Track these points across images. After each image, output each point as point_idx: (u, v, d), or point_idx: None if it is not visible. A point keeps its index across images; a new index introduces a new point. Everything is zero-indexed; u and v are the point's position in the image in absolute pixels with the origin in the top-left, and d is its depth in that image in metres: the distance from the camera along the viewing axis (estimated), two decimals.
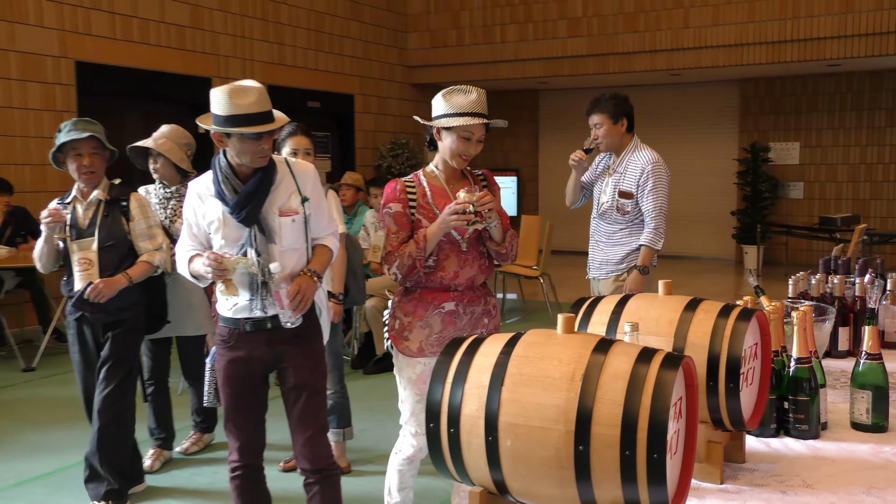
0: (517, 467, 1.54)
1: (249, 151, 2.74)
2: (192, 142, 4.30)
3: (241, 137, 2.71)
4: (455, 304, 2.98)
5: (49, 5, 8.09)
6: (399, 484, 3.12)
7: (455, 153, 2.92)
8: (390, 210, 2.95)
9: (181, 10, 9.38)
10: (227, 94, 2.71)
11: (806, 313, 2.17)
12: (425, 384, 3.01)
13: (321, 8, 11.34)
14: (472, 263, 3.00)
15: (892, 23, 10.04)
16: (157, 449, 4.36)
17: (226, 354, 2.88)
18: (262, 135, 2.72)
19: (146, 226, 3.67)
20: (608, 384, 1.49)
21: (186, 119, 10.43)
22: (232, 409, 2.91)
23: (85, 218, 3.55)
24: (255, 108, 2.71)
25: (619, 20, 11.60)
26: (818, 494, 1.80)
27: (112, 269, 3.52)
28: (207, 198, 2.83)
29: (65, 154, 3.49)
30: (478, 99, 2.92)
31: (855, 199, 12.55)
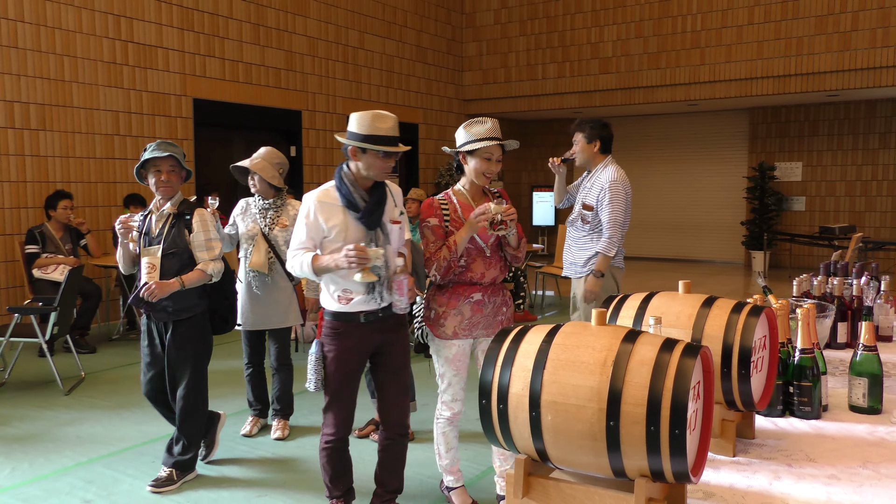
0: (557, 439, 1.52)
1: (379, 167, 2.80)
2: (284, 161, 4.29)
3: (375, 154, 2.77)
4: (481, 294, 3.08)
5: (174, 53, 8.33)
6: (446, 445, 3.20)
7: (479, 172, 3.02)
8: (429, 224, 3.04)
9: (277, 55, 9.57)
10: (371, 118, 2.78)
11: (809, 310, 2.10)
12: (460, 361, 3.12)
13: (392, 52, 11.43)
14: (494, 265, 3.10)
15: (885, 59, 9.71)
16: (254, 417, 4.41)
17: (339, 344, 2.86)
18: (392, 154, 2.79)
19: (205, 238, 3.52)
20: (636, 369, 1.46)
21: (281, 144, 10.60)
22: (339, 391, 2.89)
23: (156, 228, 3.49)
24: (391, 132, 2.81)
25: (643, 59, 11.44)
26: (820, 467, 1.74)
27: (171, 275, 3.42)
28: (331, 206, 2.82)
29: (147, 170, 3.44)
30: (492, 126, 3.03)
31: (851, 212, 12.14)
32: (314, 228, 2.82)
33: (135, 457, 4.00)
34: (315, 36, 10.08)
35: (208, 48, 8.69)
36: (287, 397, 4.40)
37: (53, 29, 7.25)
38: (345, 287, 2.84)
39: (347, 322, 2.86)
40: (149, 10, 8.07)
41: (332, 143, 10.47)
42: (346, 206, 2.81)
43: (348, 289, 2.83)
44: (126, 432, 4.37)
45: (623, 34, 11.60)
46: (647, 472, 1.46)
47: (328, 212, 2.82)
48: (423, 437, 4.30)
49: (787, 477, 1.69)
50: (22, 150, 7.05)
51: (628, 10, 11.57)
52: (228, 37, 8.92)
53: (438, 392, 3.18)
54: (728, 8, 10.79)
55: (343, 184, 2.82)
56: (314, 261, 2.78)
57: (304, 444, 4.17)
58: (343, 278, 2.83)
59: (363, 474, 3.77)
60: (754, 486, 1.65)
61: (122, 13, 7.81)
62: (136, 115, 8.00)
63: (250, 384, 4.43)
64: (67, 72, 7.37)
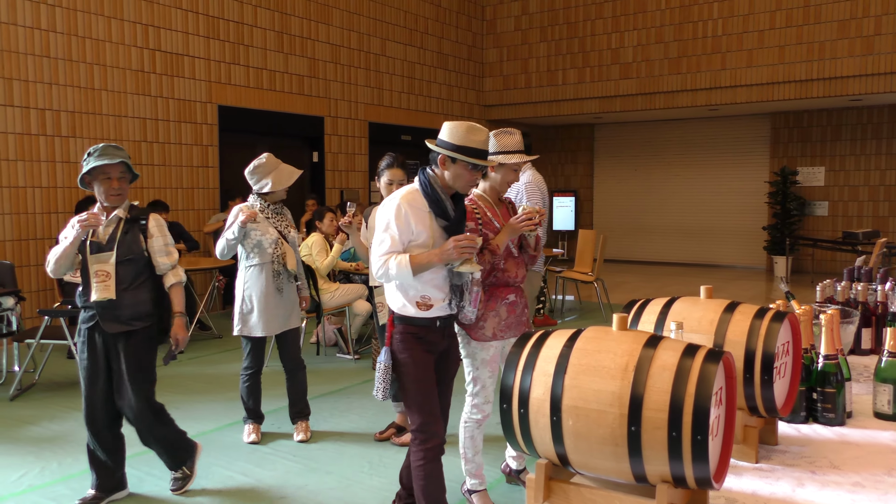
0: (578, 443, 1.51)
1: (466, 179, 2.74)
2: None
3: (465, 165, 2.71)
4: (514, 295, 3.15)
5: (199, 61, 8.43)
6: (473, 449, 3.23)
7: (504, 181, 3.14)
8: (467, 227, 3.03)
9: (301, 62, 9.64)
10: (466, 129, 2.72)
11: (833, 316, 2.07)
12: (496, 363, 3.15)
13: (413, 59, 11.48)
14: (521, 265, 3.19)
15: None
16: (255, 425, 4.33)
17: (416, 349, 2.78)
18: (479, 168, 2.75)
19: (164, 243, 3.35)
20: (657, 374, 1.45)
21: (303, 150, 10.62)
22: (425, 393, 2.79)
23: (105, 234, 3.22)
24: (483, 146, 2.75)
25: (664, 64, 11.37)
26: (844, 474, 1.71)
27: (127, 283, 3.20)
28: (418, 210, 2.72)
29: (93, 177, 3.19)
30: (520, 139, 3.14)
31: (875, 216, 11.94)
32: (406, 231, 2.70)
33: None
34: (338, 43, 10.15)
35: (233, 56, 8.79)
36: (305, 398, 4.40)
37: (84, 38, 7.37)
38: (423, 293, 2.75)
39: (426, 327, 2.79)
40: (176, 19, 8.18)
41: (353, 149, 10.52)
42: (435, 212, 2.73)
43: (427, 295, 2.75)
44: None
45: (643, 39, 11.54)
46: (668, 478, 1.45)
47: (417, 216, 2.71)
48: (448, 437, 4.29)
49: (810, 484, 1.66)
50: (53, 157, 7.17)
51: (649, 16, 11.50)
52: (253, 45, 9.01)
53: (468, 395, 3.17)
54: (749, 13, 10.68)
55: (434, 189, 2.73)
56: (413, 260, 2.64)
57: (325, 447, 4.19)
58: (423, 283, 2.74)
59: (386, 478, 3.78)
60: (777, 492, 1.63)
61: (151, 22, 7.93)
62: (163, 122, 8.11)
63: (254, 392, 4.31)
64: (97, 80, 7.50)
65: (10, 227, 6.92)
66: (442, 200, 2.72)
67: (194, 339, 7.09)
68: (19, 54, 6.90)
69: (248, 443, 4.25)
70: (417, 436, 2.80)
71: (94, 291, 3.17)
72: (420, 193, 2.74)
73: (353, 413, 4.84)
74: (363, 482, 3.69)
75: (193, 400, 5.12)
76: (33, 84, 7.01)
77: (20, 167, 6.97)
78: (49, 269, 3.22)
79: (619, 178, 14.29)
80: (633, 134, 14.06)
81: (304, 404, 4.40)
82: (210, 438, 4.33)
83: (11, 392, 5.22)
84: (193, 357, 6.48)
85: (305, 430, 4.32)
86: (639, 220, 14.04)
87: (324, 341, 6.69)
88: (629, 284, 11.06)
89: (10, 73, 6.84)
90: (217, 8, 8.59)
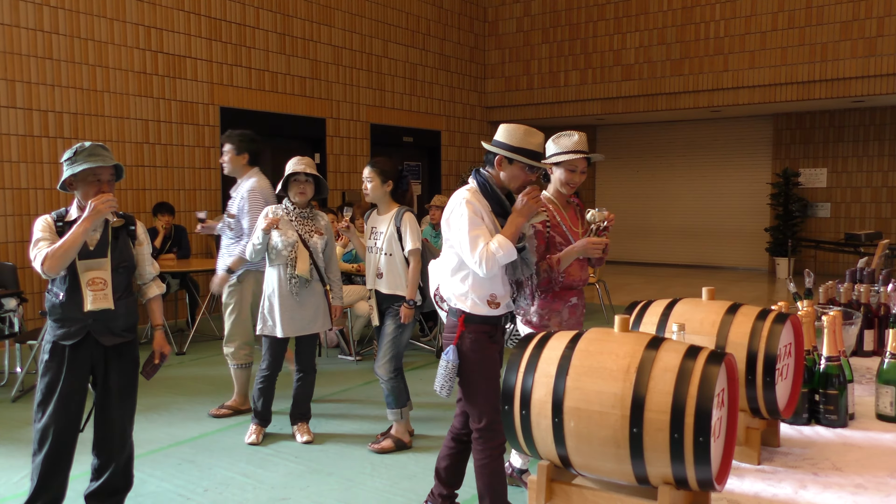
0: (579, 445, 1.51)
1: (521, 179, 2.82)
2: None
3: (521, 166, 2.80)
4: (576, 298, 3.27)
5: (202, 63, 8.45)
6: None
7: (564, 182, 3.19)
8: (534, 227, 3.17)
9: (303, 64, 9.66)
10: (524, 132, 2.81)
11: (835, 317, 2.07)
12: None
13: (415, 60, 11.48)
14: (584, 268, 3.27)
15: None
16: (259, 427, 4.32)
17: (487, 348, 2.84)
18: (535, 170, 2.84)
19: (149, 251, 3.20)
20: (659, 376, 1.45)
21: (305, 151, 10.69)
22: (496, 392, 2.83)
23: (93, 240, 2.95)
24: (539, 148, 2.84)
25: (666, 65, 11.36)
26: (846, 476, 1.71)
27: (120, 291, 2.98)
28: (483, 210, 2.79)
29: (79, 179, 2.93)
30: (579, 140, 3.16)
31: (878, 218, 11.93)
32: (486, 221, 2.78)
33: (162, 459, 4.04)
34: (340, 45, 10.16)
35: (235, 58, 8.80)
36: (309, 402, 4.43)
37: (86, 40, 7.39)
38: (492, 291, 2.82)
39: (495, 326, 2.87)
40: (178, 21, 8.19)
41: (355, 151, 10.53)
42: (495, 210, 2.81)
43: (495, 293, 2.83)
44: (154, 434, 4.42)
45: (646, 41, 11.53)
46: (670, 480, 1.44)
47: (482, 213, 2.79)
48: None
49: (812, 486, 1.66)
50: (56, 159, 7.19)
51: (651, 17, 11.50)
52: (255, 46, 9.03)
53: None
54: (752, 14, 10.68)
55: (493, 189, 2.81)
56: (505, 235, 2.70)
57: (327, 449, 4.19)
58: (490, 281, 2.80)
59: (388, 480, 3.78)
60: (779, 494, 1.63)
61: (153, 24, 7.95)
62: (165, 124, 8.12)
63: (266, 395, 4.32)
64: (99, 82, 7.51)
65: (12, 229, 6.93)
66: (501, 198, 2.83)
67: (196, 340, 7.09)
68: (22, 56, 6.91)
69: (249, 444, 4.25)
70: (484, 434, 2.85)
71: (88, 301, 2.89)
72: (479, 193, 2.82)
73: (355, 415, 4.85)
74: (365, 483, 3.69)
75: (196, 401, 5.12)
76: (36, 86, 7.02)
77: (23, 169, 6.98)
78: (45, 267, 2.84)
79: (621, 179, 14.29)
80: (636, 135, 14.05)
81: (307, 408, 4.42)
82: (212, 439, 4.33)
83: (13, 393, 5.23)
84: (196, 358, 6.48)
85: (307, 432, 4.33)
86: (641, 221, 14.03)
87: (325, 342, 6.69)
88: (631, 286, 11.05)
89: (13, 75, 6.86)
90: (219, 10, 8.61)
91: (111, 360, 3.02)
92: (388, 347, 4.07)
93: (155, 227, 7.33)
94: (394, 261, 4.03)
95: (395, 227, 4.03)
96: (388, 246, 4.04)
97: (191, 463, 3.98)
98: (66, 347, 2.95)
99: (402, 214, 4.05)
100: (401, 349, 4.10)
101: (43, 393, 2.96)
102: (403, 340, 4.10)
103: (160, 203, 7.46)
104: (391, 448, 4.11)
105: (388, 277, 4.06)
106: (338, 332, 6.62)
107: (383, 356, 4.08)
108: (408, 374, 5.86)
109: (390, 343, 4.06)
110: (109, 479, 3.11)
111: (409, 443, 4.17)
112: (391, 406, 4.12)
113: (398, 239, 4.02)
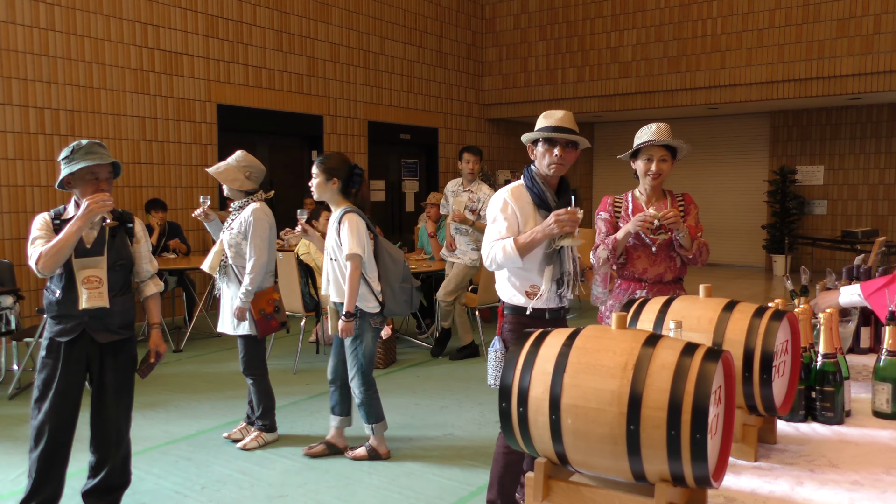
0: (577, 442, 1.51)
1: (549, 157, 2.83)
2: (252, 164, 4.03)
3: (543, 144, 2.83)
4: (645, 292, 3.16)
5: (199, 60, 8.43)
6: None
7: (643, 173, 3.19)
8: (602, 217, 3.24)
9: (300, 61, 9.64)
10: (544, 115, 2.88)
11: (832, 314, 2.07)
12: None
13: (412, 57, 11.47)
14: (660, 263, 3.18)
15: None
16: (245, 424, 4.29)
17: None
18: (557, 142, 2.80)
19: (147, 248, 3.16)
20: (656, 373, 1.45)
21: (303, 148, 10.61)
22: None
23: (90, 237, 2.94)
24: (558, 122, 2.83)
25: (663, 63, 11.37)
26: (843, 473, 1.71)
27: (117, 290, 2.97)
28: (524, 204, 2.86)
29: (76, 177, 2.90)
30: (657, 129, 3.17)
31: (874, 215, 11.95)
32: (513, 221, 2.83)
33: (159, 456, 4.04)
34: (337, 42, 10.14)
35: (232, 55, 8.78)
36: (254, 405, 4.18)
37: (83, 37, 7.36)
38: (533, 283, 2.85)
39: (536, 319, 2.85)
40: (175, 18, 8.17)
41: (353, 148, 10.52)
42: (537, 204, 2.86)
43: (535, 284, 2.85)
44: (151, 432, 4.41)
45: (643, 38, 11.53)
46: (667, 477, 1.45)
47: (522, 209, 2.85)
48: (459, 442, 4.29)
49: (809, 483, 1.66)
50: (52, 156, 7.16)
51: (648, 15, 11.50)
52: (252, 43, 9.01)
53: None
54: (748, 11, 10.68)
55: (535, 183, 2.87)
56: (517, 242, 2.75)
57: None
58: (528, 272, 2.84)
59: (385, 477, 3.79)
60: (776, 491, 1.63)
61: (150, 21, 7.92)
62: (162, 121, 8.10)
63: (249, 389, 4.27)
64: (96, 79, 7.49)
65: (8, 226, 6.91)
66: (543, 192, 2.85)
67: (193, 337, 7.09)
68: (18, 53, 6.89)
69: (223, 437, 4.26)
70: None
71: (83, 299, 2.89)
72: (524, 188, 2.89)
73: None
74: (362, 481, 3.69)
75: (193, 399, 5.12)
76: (32, 83, 7.00)
77: (19, 166, 6.96)
78: (39, 266, 2.84)
79: (618, 177, 14.29)
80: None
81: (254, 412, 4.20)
82: (210, 437, 4.33)
83: (10, 391, 5.22)
84: (193, 356, 6.48)
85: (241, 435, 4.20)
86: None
87: (323, 340, 6.68)
88: None
89: (9, 72, 6.83)
90: (216, 6, 8.58)
91: (107, 358, 3.01)
92: (350, 364, 3.85)
93: (150, 224, 7.32)
94: (338, 266, 3.79)
95: (335, 229, 3.78)
96: (332, 250, 3.80)
97: (188, 460, 3.98)
98: (62, 344, 2.94)
99: (342, 215, 3.76)
100: (364, 362, 3.84)
101: (40, 389, 2.97)
102: (365, 352, 3.83)
103: (153, 199, 7.44)
104: (364, 457, 3.95)
105: (334, 284, 3.82)
106: None
107: (350, 371, 3.87)
108: (405, 372, 5.87)
109: (350, 359, 3.85)
110: (106, 477, 3.11)
111: (384, 454, 3.97)
112: (364, 420, 3.94)
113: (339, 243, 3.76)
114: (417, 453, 4.06)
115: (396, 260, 3.92)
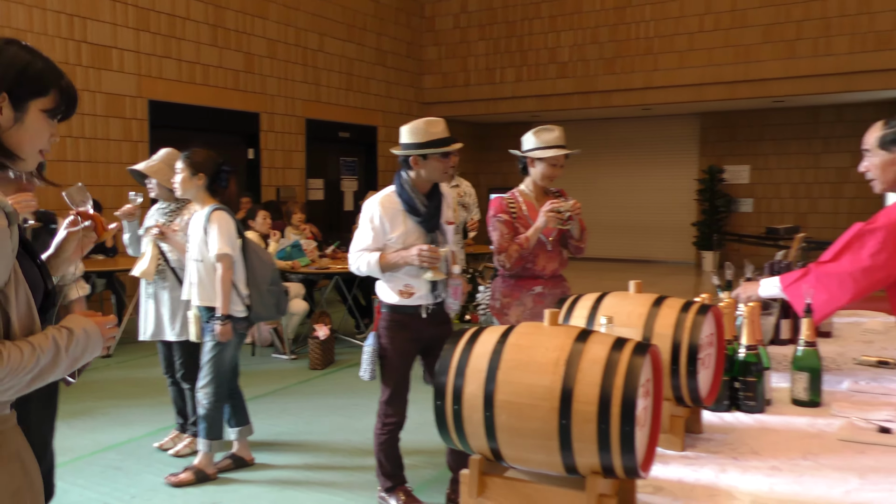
0: (510, 438, 1.53)
1: (442, 168, 2.97)
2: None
3: (437, 157, 2.93)
4: (542, 287, 3.30)
5: (129, 54, 8.14)
6: None
7: (545, 176, 3.28)
8: (500, 218, 3.28)
9: (236, 57, 9.43)
10: (426, 125, 2.93)
11: (754, 308, 2.15)
12: None
13: (352, 55, 11.37)
14: (554, 259, 3.32)
15: (827, 67, 10.03)
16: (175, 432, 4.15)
17: (400, 336, 3.06)
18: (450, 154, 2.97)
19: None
20: (587, 368, 1.47)
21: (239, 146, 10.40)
22: (402, 378, 3.10)
23: None
24: (444, 133, 2.96)
25: (599, 64, 11.60)
26: (764, 459, 1.78)
27: None
28: (393, 211, 3.00)
29: None
30: (559, 135, 3.27)
31: (796, 213, 12.50)
32: (380, 232, 3.00)
33: (84, 467, 3.89)
34: (274, 38, 9.97)
35: (165, 49, 8.52)
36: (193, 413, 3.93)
37: (3, 28, 7.02)
38: (406, 282, 3.01)
39: (410, 315, 3.05)
40: (103, 9, 7.87)
41: (290, 146, 10.36)
42: (407, 210, 2.99)
43: (409, 283, 3.01)
44: (76, 442, 4.23)
45: (580, 40, 11.74)
46: (598, 469, 1.48)
47: (391, 216, 3.00)
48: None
49: (732, 469, 1.73)
50: None
51: (584, 17, 11.71)
52: (185, 38, 8.76)
53: None
54: (680, 16, 11.01)
55: (404, 190, 3.00)
56: (381, 259, 2.96)
57: (260, 449, 4.12)
58: (406, 275, 3.00)
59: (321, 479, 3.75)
60: (702, 479, 1.69)
61: (76, 13, 7.61)
62: (90, 117, 7.80)
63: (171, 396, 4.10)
64: None
65: None
66: (413, 200, 2.98)
67: (123, 342, 6.85)
68: None
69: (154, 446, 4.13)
70: (385, 409, 3.10)
71: None
72: (395, 194, 3.02)
73: (290, 414, 4.78)
74: (298, 483, 3.65)
75: (122, 405, 4.96)
76: None
77: None
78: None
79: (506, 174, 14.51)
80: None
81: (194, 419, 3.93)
82: (140, 444, 4.20)
83: None
84: (122, 361, 6.28)
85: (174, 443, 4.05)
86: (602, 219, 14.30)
87: (259, 342, 6.57)
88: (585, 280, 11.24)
89: None
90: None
91: None
92: (206, 369, 3.58)
93: None
94: (205, 268, 3.56)
95: (203, 228, 3.56)
96: (198, 250, 3.57)
97: (117, 470, 3.84)
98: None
99: (210, 214, 3.55)
100: (223, 371, 3.61)
101: None
102: (226, 360, 3.61)
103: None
104: (191, 481, 3.60)
105: (198, 287, 3.57)
106: (272, 330, 6.51)
107: (202, 379, 3.60)
108: (343, 372, 5.83)
109: (209, 365, 3.57)
110: None
111: (212, 475, 3.66)
112: (200, 435, 3.65)
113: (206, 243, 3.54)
114: (355, 453, 4.04)
115: (265, 262, 3.73)
